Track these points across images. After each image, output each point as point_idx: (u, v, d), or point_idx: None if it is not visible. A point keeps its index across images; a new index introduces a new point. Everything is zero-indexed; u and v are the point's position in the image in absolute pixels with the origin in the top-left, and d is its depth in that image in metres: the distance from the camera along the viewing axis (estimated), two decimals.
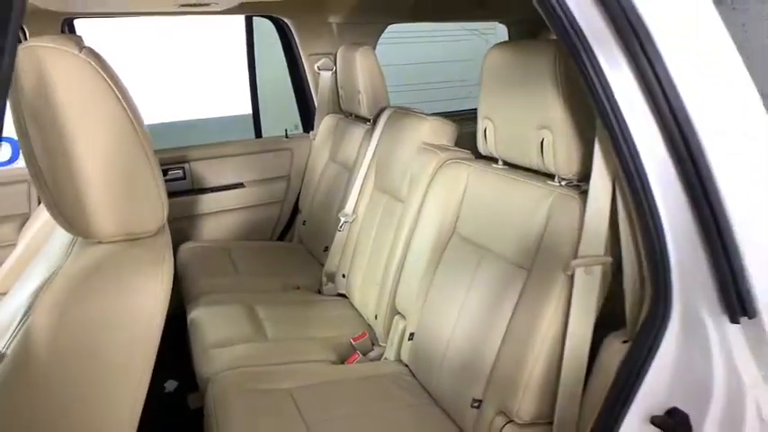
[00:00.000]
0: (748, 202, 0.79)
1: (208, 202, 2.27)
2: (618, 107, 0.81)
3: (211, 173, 2.28)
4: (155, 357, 0.69)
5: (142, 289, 0.69)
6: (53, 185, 0.69)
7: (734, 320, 0.79)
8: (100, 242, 0.73)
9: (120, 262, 0.71)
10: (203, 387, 1.33)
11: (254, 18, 2.36)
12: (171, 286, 0.72)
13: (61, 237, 0.82)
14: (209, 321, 1.58)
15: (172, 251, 0.77)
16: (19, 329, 0.64)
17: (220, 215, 2.31)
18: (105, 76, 0.73)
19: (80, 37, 0.96)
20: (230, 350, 1.44)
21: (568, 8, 0.79)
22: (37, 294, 0.67)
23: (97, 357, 0.64)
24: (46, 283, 0.68)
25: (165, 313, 0.69)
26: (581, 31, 0.79)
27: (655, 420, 0.88)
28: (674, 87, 0.77)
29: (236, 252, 2.16)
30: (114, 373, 0.65)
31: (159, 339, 0.69)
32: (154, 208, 0.76)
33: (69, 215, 0.71)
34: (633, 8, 0.76)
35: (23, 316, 0.66)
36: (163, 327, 0.69)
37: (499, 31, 2.68)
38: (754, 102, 0.80)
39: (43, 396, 0.62)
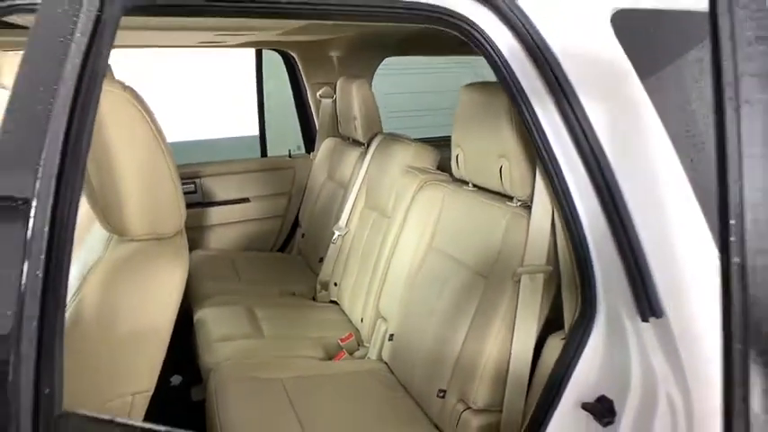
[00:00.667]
0: (654, 222, 0.97)
1: (216, 214, 2.48)
2: (549, 144, 1.00)
3: (220, 188, 2.49)
4: (171, 330, 0.88)
5: (163, 276, 0.89)
6: (99, 194, 0.90)
7: (644, 319, 0.96)
8: (132, 240, 0.93)
9: (147, 255, 0.91)
10: (206, 375, 1.52)
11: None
12: (186, 276, 0.91)
13: (98, 234, 1.02)
14: (213, 320, 1.77)
15: (188, 250, 0.97)
16: (70, 305, 0.84)
17: (227, 227, 2.51)
18: (141, 109, 0.94)
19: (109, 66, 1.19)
20: (231, 344, 1.63)
21: (511, 67, 0.99)
22: (83, 278, 0.87)
23: (129, 325, 0.84)
24: (90, 270, 0.88)
25: (181, 295, 0.89)
26: (521, 86, 0.98)
27: (585, 406, 1.04)
28: (592, 129, 0.96)
29: (240, 261, 2.35)
30: (141, 337, 0.84)
31: (175, 315, 0.89)
32: (174, 213, 0.96)
33: (110, 217, 0.91)
34: (561, 69, 0.96)
35: (73, 295, 0.85)
36: (179, 306, 0.89)
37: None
38: (662, 141, 0.98)
39: (88, 354, 0.81)
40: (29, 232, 0.55)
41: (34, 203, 0.56)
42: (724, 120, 0.37)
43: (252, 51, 2.57)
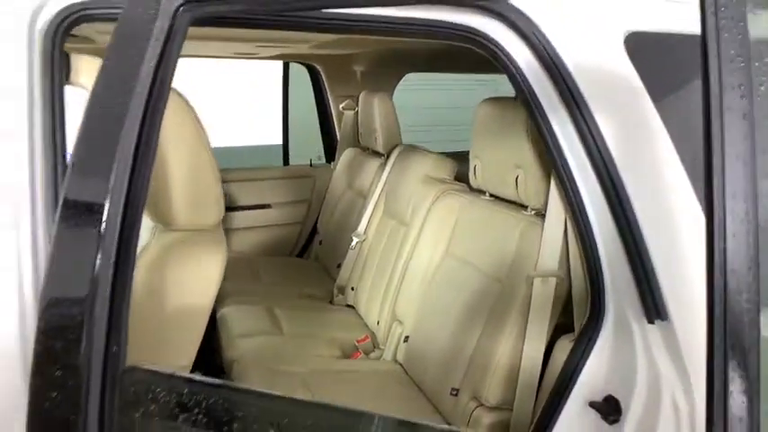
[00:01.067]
0: (661, 230, 1.02)
1: (239, 218, 2.58)
2: (564, 156, 1.06)
3: (243, 193, 2.59)
4: (210, 310, 0.96)
5: (205, 262, 0.98)
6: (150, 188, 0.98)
7: (650, 321, 1.01)
8: (176, 230, 1.02)
9: (190, 244, 1.00)
10: (228, 368, 1.59)
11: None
12: (225, 262, 0.99)
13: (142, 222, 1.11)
14: (235, 317, 1.85)
15: (225, 241, 1.06)
16: None
17: (248, 231, 2.61)
18: (189, 111, 1.03)
19: None
20: (252, 339, 1.71)
21: (529, 83, 1.06)
22: None
23: (174, 305, 0.92)
24: (138, 255, 0.97)
25: (220, 280, 0.97)
26: (538, 100, 1.05)
27: (592, 405, 1.09)
28: (604, 142, 1.02)
29: (260, 264, 2.44)
30: (184, 316, 0.92)
31: (215, 298, 0.97)
32: (214, 208, 1.05)
33: (158, 210, 1.00)
34: (576, 85, 1.03)
35: None
36: (218, 289, 0.97)
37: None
38: (670, 155, 1.04)
39: (137, 330, 0.88)
40: (103, 225, 0.63)
41: (108, 200, 0.64)
42: (710, 124, 0.44)
43: (279, 65, 2.70)
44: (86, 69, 0.84)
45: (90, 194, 0.66)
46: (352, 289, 2.13)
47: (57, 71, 0.77)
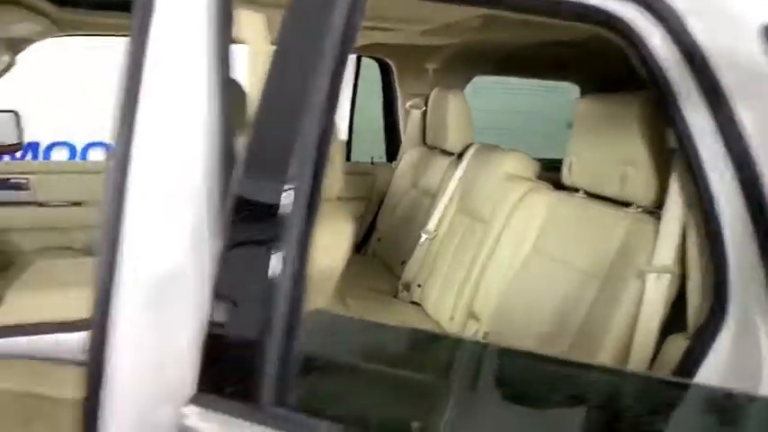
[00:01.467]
0: None
1: None
2: (695, 148, 1.03)
3: None
4: (338, 277, 0.96)
5: (337, 231, 0.97)
6: None
7: None
8: None
9: (324, 213, 1.00)
10: None
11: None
12: (353, 232, 0.99)
13: None
14: None
15: (350, 213, 1.05)
16: None
17: None
18: None
19: None
20: None
21: (664, 69, 1.03)
22: None
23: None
24: None
25: (350, 246, 0.97)
26: (673, 88, 1.03)
27: None
28: (745, 133, 0.99)
29: None
30: (316, 283, 0.92)
31: (343, 265, 0.96)
32: (337, 178, 1.05)
33: None
34: (714, 75, 1.00)
35: None
36: (348, 257, 0.97)
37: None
38: None
39: None
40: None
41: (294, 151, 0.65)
42: None
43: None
44: (248, 24, 0.84)
45: (274, 150, 0.67)
46: (419, 286, 2.11)
47: (228, 27, 0.77)
